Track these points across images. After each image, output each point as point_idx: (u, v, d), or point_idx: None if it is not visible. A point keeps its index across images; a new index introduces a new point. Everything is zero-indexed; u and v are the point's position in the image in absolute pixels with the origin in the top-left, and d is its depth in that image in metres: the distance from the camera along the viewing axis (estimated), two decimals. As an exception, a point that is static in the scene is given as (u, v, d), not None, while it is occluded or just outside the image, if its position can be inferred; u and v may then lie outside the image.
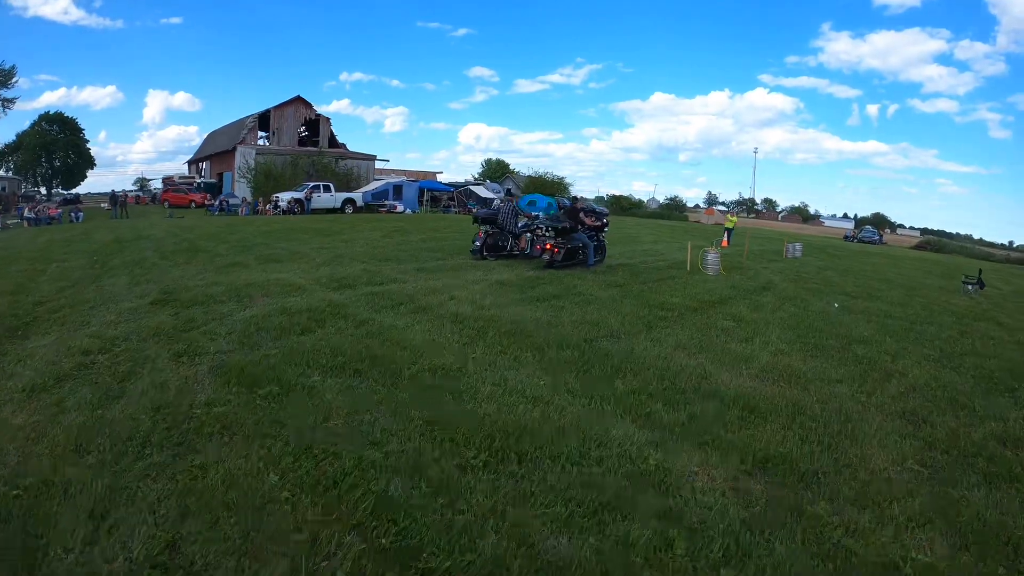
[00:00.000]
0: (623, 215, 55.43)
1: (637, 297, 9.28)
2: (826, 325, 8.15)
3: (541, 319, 7.39)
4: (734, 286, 11.20)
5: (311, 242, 16.76)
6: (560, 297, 9.00)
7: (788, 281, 12.98)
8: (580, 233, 12.92)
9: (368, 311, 7.70)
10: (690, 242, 13.93)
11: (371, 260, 12.83)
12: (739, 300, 9.70)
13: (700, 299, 9.36)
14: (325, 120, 47.66)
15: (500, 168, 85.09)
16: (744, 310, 8.77)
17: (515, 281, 10.35)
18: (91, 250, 15.03)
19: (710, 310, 8.61)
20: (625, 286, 10.37)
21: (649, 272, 12.71)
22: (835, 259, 22.27)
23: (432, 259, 13.40)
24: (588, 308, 8.21)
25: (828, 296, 11.11)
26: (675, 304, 8.80)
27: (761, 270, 14.80)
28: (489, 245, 13.55)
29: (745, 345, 6.64)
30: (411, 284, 9.79)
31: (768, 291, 11.08)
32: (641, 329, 7.16)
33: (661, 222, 45.54)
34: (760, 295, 10.46)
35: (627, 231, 28.32)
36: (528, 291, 9.39)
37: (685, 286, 10.73)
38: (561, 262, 12.15)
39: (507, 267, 12.20)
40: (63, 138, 59.30)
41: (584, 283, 10.45)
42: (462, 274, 11.10)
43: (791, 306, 9.49)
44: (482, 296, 8.83)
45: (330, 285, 9.50)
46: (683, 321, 7.74)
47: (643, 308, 8.39)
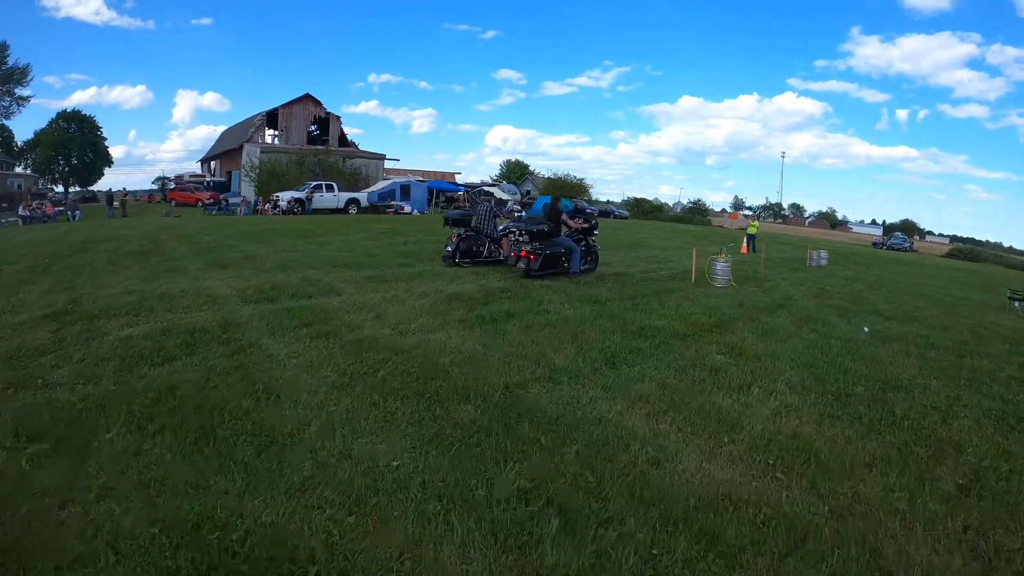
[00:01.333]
0: (644, 218, 53.43)
1: (614, 318, 7.48)
2: (853, 361, 6.25)
3: (467, 350, 5.68)
4: (743, 303, 9.31)
5: (280, 245, 15.46)
6: (515, 316, 7.27)
7: (809, 296, 11.02)
8: (564, 237, 11.16)
9: (261, 334, 6.23)
10: (695, 248, 12.03)
11: (325, 266, 11.33)
12: (745, 322, 7.83)
13: (694, 321, 7.52)
14: (335, 118, 46.57)
15: (520, 169, 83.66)
16: (748, 338, 6.90)
17: (473, 294, 8.64)
18: (51, 252, 14.07)
19: (703, 337, 6.77)
20: (606, 302, 8.57)
21: (644, 284, 10.86)
22: (864, 268, 20.05)
23: (398, 265, 11.80)
24: (540, 333, 6.46)
25: (856, 316, 9.17)
26: (659, 329, 6.97)
27: (780, 281, 12.83)
28: (463, 250, 11.88)
29: (737, 396, 4.81)
30: (346, 297, 8.29)
31: (784, 309, 9.17)
32: (597, 368, 5.38)
33: (681, 226, 43.29)
34: (773, 315, 8.56)
35: (640, 235, 26.40)
36: (479, 308, 7.67)
37: (681, 303, 8.88)
38: (539, 271, 10.40)
39: (476, 276, 10.49)
40: (80, 136, 59.34)
41: (557, 297, 8.69)
42: (417, 284, 9.44)
43: (810, 331, 7.58)
44: (417, 314, 7.19)
45: (251, 297, 8.17)
46: (661, 355, 5.92)
47: (614, 334, 6.59)
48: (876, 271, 19.74)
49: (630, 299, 8.97)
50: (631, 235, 26.09)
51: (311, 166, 40.14)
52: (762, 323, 7.83)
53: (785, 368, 5.72)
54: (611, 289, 9.78)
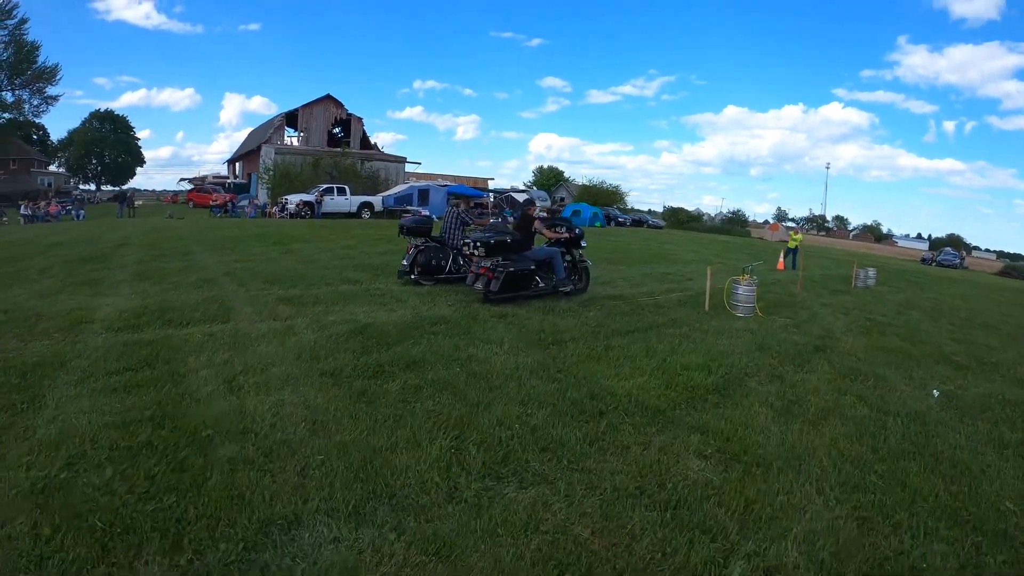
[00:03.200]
0: (680, 228, 50.57)
1: (563, 373, 5.18)
2: (923, 468, 3.83)
3: (271, 437, 3.50)
4: (765, 344, 6.89)
5: (244, 253, 13.77)
6: (415, 368, 5.09)
7: (855, 331, 8.47)
8: (539, 249, 8.93)
9: (61, 383, 4.56)
10: (710, 268, 9.56)
11: (256, 281, 9.47)
12: (761, 383, 5.43)
13: (684, 381, 5.15)
14: (356, 120, 45.20)
15: (554, 176, 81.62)
16: (759, 418, 4.49)
17: (392, 327, 6.50)
18: (13, 255, 13.20)
19: (686, 417, 4.40)
20: (569, 343, 6.27)
21: (641, 312, 8.50)
22: (916, 289, 17.00)
23: (345, 282, 9.83)
24: (424, 403, 4.25)
25: (919, 366, 6.65)
26: (621, 397, 4.64)
27: (819, 309, 10.27)
28: (421, 264, 9.74)
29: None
30: (229, 326, 6.45)
31: (821, 355, 6.71)
32: (460, 490, 3.14)
33: (719, 237, 40.25)
34: (804, 367, 6.12)
35: (667, 247, 23.84)
36: (378, 351, 5.54)
37: (678, 345, 6.52)
38: (499, 293, 8.19)
39: (424, 298, 8.37)
40: (112, 136, 59.74)
41: (505, 333, 6.46)
42: (336, 309, 7.47)
43: (855, 399, 5.13)
44: (284, 358, 5.25)
45: (119, 323, 6.45)
46: (593, 463, 3.61)
47: (543, 408, 4.31)
48: (930, 293, 16.73)
49: (608, 338, 6.65)
50: (658, 246, 23.56)
51: (327, 168, 38.78)
52: (786, 384, 5.39)
53: (811, 495, 3.33)
54: (589, 321, 7.47)
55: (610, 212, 46.73)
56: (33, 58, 40.49)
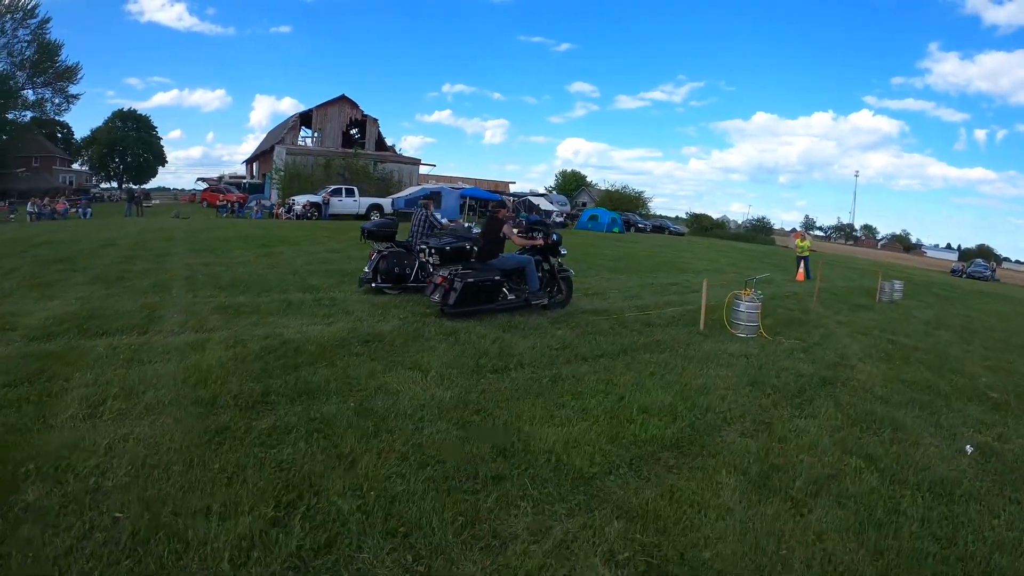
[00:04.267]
0: (703, 235, 49.00)
1: (475, 419, 4.10)
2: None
3: None
4: (760, 376, 5.72)
5: (229, 254, 13.18)
6: (294, 399, 4.15)
7: (874, 357, 7.23)
8: (508, 256, 7.89)
9: None
10: (706, 281, 8.36)
11: (210, 288, 8.68)
12: (740, 432, 4.28)
13: (634, 432, 4.01)
14: (372, 121, 44.63)
15: (576, 180, 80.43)
16: (725, 489, 3.35)
17: (314, 344, 5.57)
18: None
19: (618, 489, 3.28)
20: (516, 370, 5.21)
21: (625, 330, 7.39)
22: (946, 304, 15.41)
23: (304, 289, 8.99)
24: (223, 457, 3.24)
25: (947, 406, 5.42)
26: (535, 456, 3.54)
27: (835, 328, 9.02)
28: (384, 271, 8.76)
29: None
30: (137, 339, 5.66)
31: (826, 390, 5.53)
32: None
33: (740, 245, 38.59)
34: (803, 407, 4.94)
35: (682, 255, 22.56)
36: (275, 376, 4.59)
37: (649, 376, 5.41)
38: (455, 307, 7.18)
39: (376, 311, 7.49)
40: (135, 135, 60.24)
41: (444, 355, 5.45)
42: (271, 321, 6.70)
43: (862, 462, 3.91)
44: (156, 382, 4.35)
45: (39, 328, 5.86)
46: (444, 562, 2.57)
47: (412, 473, 3.26)
48: (961, 308, 15.15)
49: (565, 364, 5.56)
50: (672, 254, 22.29)
51: (339, 169, 38.25)
52: (774, 436, 4.20)
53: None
54: (554, 341, 6.39)
55: (630, 218, 45.46)
56: (55, 57, 40.78)
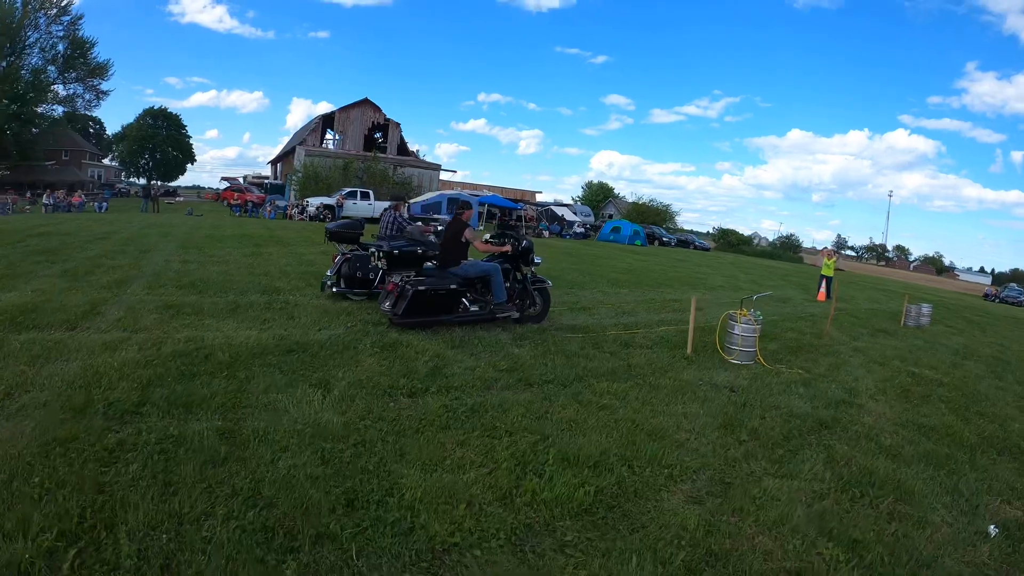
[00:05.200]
0: (729, 251, 47.59)
1: (347, 456, 3.32)
2: None
3: None
4: (738, 416, 4.75)
5: (214, 252, 12.74)
6: (166, 414, 3.41)
7: (889, 394, 6.17)
8: (472, 263, 7.07)
9: None
10: (695, 297, 7.34)
11: (168, 287, 8.25)
12: (683, 499, 3.33)
13: (536, 489, 3.14)
14: (394, 125, 44.46)
15: (602, 191, 79.51)
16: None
17: (231, 350, 4.89)
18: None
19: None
20: (433, 395, 4.38)
21: (593, 353, 6.50)
22: (977, 331, 13.90)
23: (264, 290, 8.42)
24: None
25: (971, 462, 4.37)
26: (387, 512, 2.77)
27: (849, 356, 7.95)
28: (346, 276, 8.11)
29: None
30: (54, 335, 5.36)
31: (823, 439, 4.54)
32: None
33: (766, 262, 37.07)
34: (786, 463, 3.95)
35: (700, 270, 21.47)
36: (156, 387, 3.86)
37: (594, 411, 4.50)
38: (404, 317, 6.40)
39: (321, 315, 6.97)
40: (164, 133, 61.13)
41: (359, 372, 4.64)
42: (206, 325, 6.09)
43: (842, 551, 2.90)
44: (26, 385, 3.58)
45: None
46: None
47: (194, 528, 2.53)
48: (994, 336, 13.67)
49: (507, 390, 4.71)
50: (689, 269, 21.18)
51: (357, 172, 37.97)
52: (732, 502, 3.23)
53: None
54: (502, 362, 5.54)
55: (654, 231, 44.41)
56: (87, 54, 41.47)
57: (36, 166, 42.00)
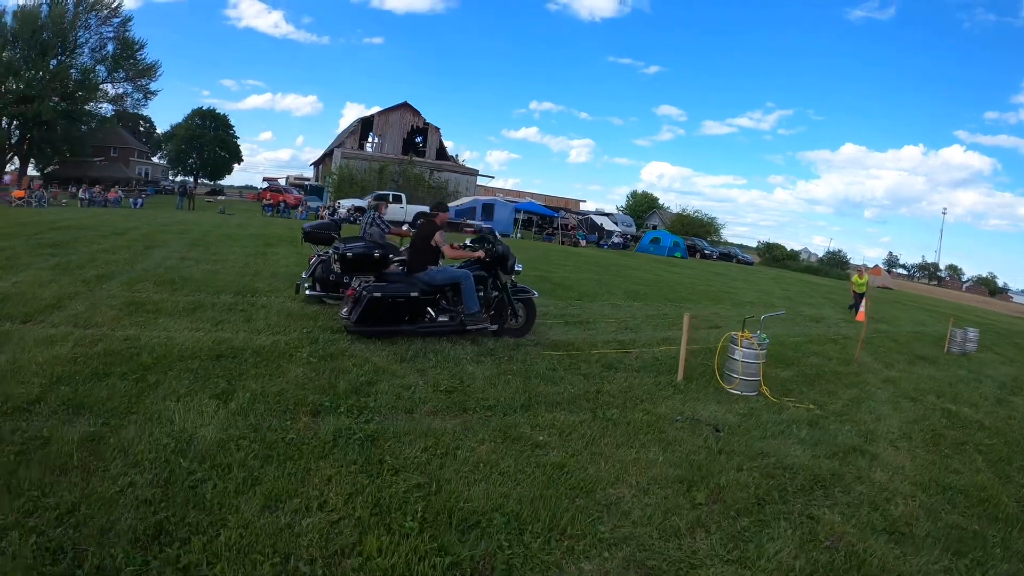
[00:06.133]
0: (774, 265, 45.62)
1: (166, 504, 2.71)
2: None
3: None
4: (701, 472, 3.83)
5: (219, 252, 12.47)
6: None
7: (916, 439, 5.10)
8: (440, 270, 6.38)
9: None
10: (687, 314, 6.39)
11: (145, 283, 8.07)
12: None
13: (352, 569, 2.44)
14: (434, 129, 44.32)
15: (647, 202, 78.17)
16: None
17: (152, 352, 4.49)
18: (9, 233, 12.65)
19: None
20: (335, 416, 3.73)
21: (564, 376, 5.72)
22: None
23: (241, 291, 8.16)
24: None
25: (1006, 552, 3.37)
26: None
27: (876, 388, 6.88)
28: (320, 279, 7.66)
29: None
30: (8, 326, 5.32)
31: (812, 501, 3.64)
32: None
33: (810, 278, 35.01)
34: (745, 539, 3.04)
35: (732, 284, 20.31)
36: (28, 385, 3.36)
37: (513, 453, 3.71)
38: (358, 325, 5.87)
39: (285, 320, 6.66)
40: (212, 133, 62.86)
41: (270, 385, 4.10)
42: (159, 320, 5.84)
43: None
44: None
45: None
46: None
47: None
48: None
49: (432, 415, 4.02)
50: (722, 283, 19.99)
51: (392, 175, 37.93)
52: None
53: None
54: (449, 380, 4.84)
55: (696, 243, 43.00)
56: (135, 54, 42.88)
57: (84, 162, 43.59)
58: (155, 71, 44.28)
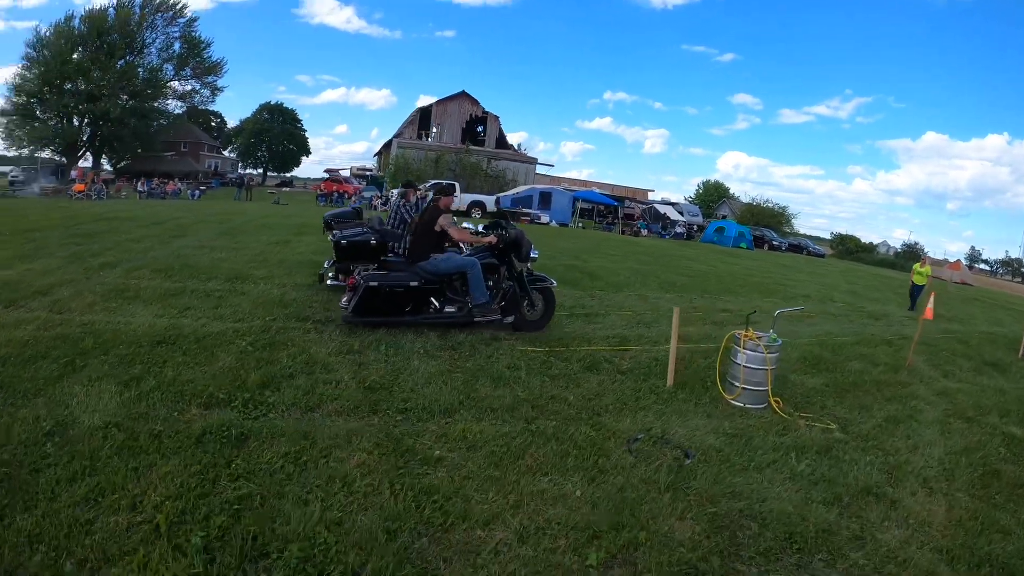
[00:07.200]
0: (847, 258, 42.55)
1: None
2: None
3: None
4: (618, 517, 3.05)
5: (241, 240, 12.37)
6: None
7: (958, 481, 3.99)
8: (444, 258, 6.04)
9: None
10: (677, 308, 5.38)
11: (151, 269, 8.14)
12: None
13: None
14: (493, 118, 43.91)
15: (717, 191, 75.49)
16: None
17: (103, 333, 4.53)
18: (60, 223, 13.08)
19: None
20: (228, 407, 3.27)
21: (533, 374, 5.00)
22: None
23: (239, 278, 7.97)
24: None
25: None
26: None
27: (924, 404, 5.70)
28: (340, 268, 7.40)
29: None
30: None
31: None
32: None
33: (882, 272, 32.03)
34: None
35: (791, 276, 18.68)
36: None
37: (381, 474, 3.11)
38: (355, 315, 5.67)
39: (264, 308, 6.31)
40: (279, 127, 64.90)
41: (167, 372, 3.69)
42: (132, 308, 5.86)
43: None
44: None
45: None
46: None
47: None
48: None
49: (332, 416, 3.51)
50: (779, 275, 18.38)
51: (449, 164, 37.77)
52: None
53: None
54: (383, 377, 4.29)
55: (764, 234, 40.70)
56: (201, 53, 44.69)
57: (155, 157, 45.93)
58: (221, 68, 46.10)
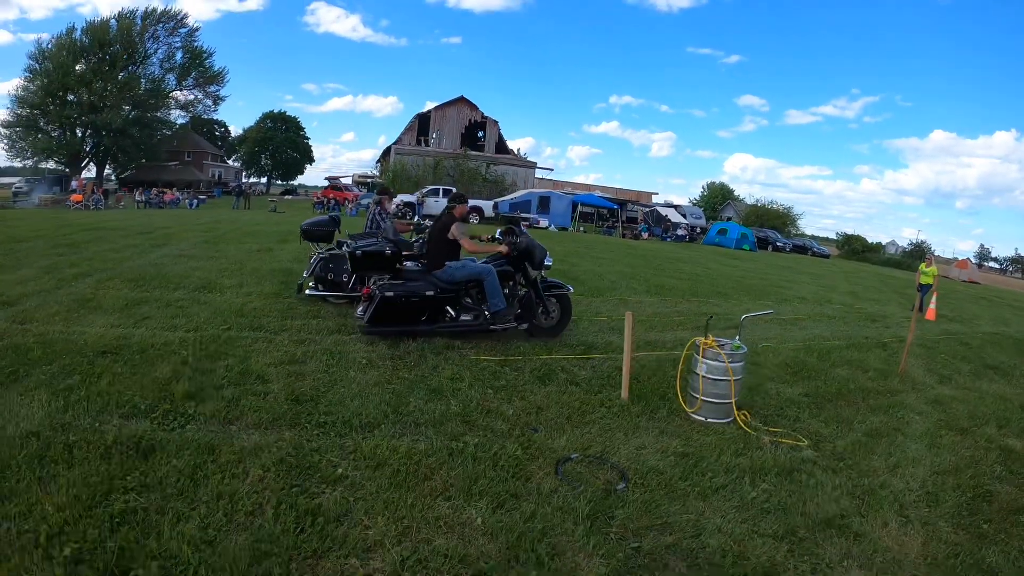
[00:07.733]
0: (853, 258, 41.83)
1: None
2: None
3: None
4: (499, 570, 2.63)
5: (224, 249, 12.20)
6: None
7: (943, 505, 3.52)
8: (460, 265, 5.92)
9: None
10: (630, 313, 4.94)
11: (122, 279, 7.86)
12: None
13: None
14: (492, 123, 43.58)
15: (721, 193, 75.11)
16: None
17: (52, 344, 3.89)
18: (48, 234, 13.06)
19: None
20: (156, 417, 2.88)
21: (470, 384, 4.61)
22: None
23: (211, 288, 7.70)
24: None
25: None
26: None
27: (914, 414, 5.20)
28: (319, 277, 7.28)
29: None
30: None
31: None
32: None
33: (887, 272, 31.23)
34: None
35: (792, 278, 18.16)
36: None
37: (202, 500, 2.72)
38: (373, 326, 5.60)
39: (202, 318, 5.95)
40: (283, 135, 65.04)
41: (97, 382, 3.39)
42: (91, 317, 5.68)
43: None
44: None
45: None
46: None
47: None
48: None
49: (242, 432, 3.07)
50: (778, 277, 17.91)
51: (447, 170, 37.48)
52: None
53: None
54: (312, 389, 3.90)
55: (768, 235, 40.13)
56: (203, 63, 44.85)
57: (159, 166, 46.11)
58: (223, 77, 46.23)
